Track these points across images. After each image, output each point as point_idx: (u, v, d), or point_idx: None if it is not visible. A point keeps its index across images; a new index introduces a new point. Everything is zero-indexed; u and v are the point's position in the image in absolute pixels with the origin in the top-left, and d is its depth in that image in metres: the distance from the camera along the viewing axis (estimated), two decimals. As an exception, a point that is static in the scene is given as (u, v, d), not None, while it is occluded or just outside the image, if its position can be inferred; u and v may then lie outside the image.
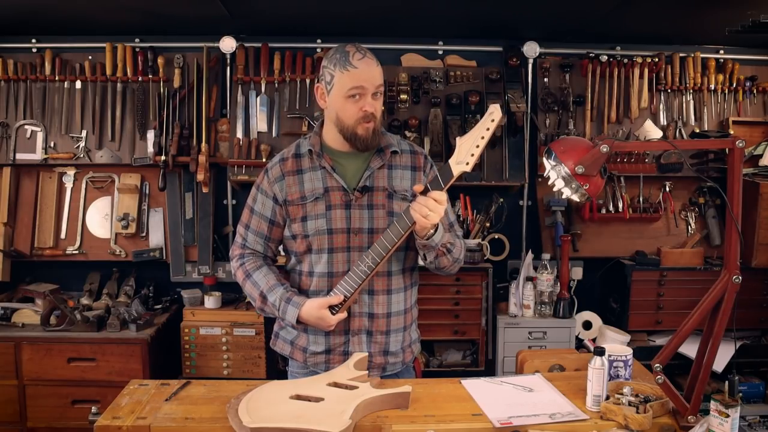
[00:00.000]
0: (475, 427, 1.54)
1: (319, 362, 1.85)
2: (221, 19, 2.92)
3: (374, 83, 1.73)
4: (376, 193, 1.82)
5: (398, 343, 1.89)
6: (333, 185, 1.81)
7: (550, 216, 3.26)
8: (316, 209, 1.80)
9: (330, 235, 1.79)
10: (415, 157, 1.89)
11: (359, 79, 1.71)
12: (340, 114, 1.76)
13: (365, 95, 1.72)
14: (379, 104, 1.78)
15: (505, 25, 3.12)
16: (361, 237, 1.80)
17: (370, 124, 1.75)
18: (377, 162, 1.83)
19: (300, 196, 1.81)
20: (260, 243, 1.90)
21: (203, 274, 3.22)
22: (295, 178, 1.83)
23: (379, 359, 1.85)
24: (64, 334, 2.83)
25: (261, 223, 1.88)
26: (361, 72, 1.71)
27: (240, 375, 2.95)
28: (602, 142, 1.57)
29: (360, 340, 1.83)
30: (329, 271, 1.81)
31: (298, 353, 1.89)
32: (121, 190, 3.24)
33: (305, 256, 1.84)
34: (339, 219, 1.80)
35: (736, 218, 1.52)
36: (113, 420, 1.53)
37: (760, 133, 3.32)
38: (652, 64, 3.22)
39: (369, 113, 1.73)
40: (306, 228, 1.81)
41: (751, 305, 3.13)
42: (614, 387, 1.65)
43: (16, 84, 3.18)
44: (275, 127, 3.18)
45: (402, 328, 1.89)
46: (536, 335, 3.03)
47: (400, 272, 1.87)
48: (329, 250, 1.80)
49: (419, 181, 1.86)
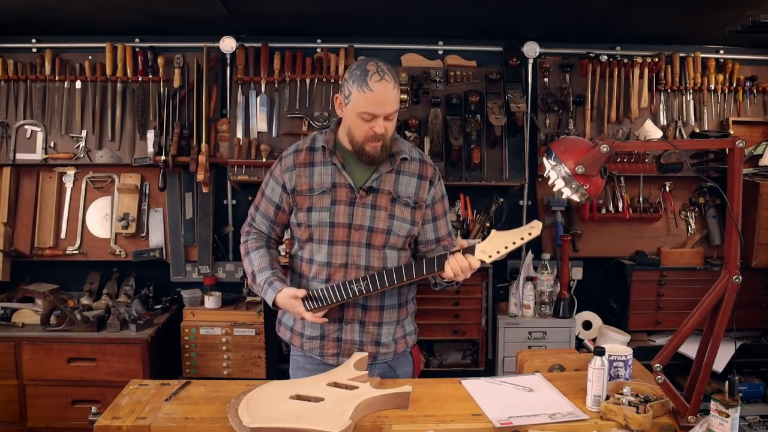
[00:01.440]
0: (475, 427, 1.54)
1: (314, 347, 1.93)
2: (221, 19, 2.92)
3: (387, 109, 1.77)
4: (381, 196, 1.88)
5: (390, 335, 1.95)
6: (341, 182, 1.87)
7: (550, 216, 3.26)
8: (322, 202, 1.87)
9: (331, 228, 1.86)
10: (424, 167, 1.94)
11: (373, 103, 1.74)
12: (352, 129, 1.83)
13: (377, 118, 1.77)
14: (392, 125, 1.83)
15: (505, 25, 3.12)
16: (361, 233, 1.86)
17: (379, 144, 1.81)
18: (386, 166, 1.89)
19: (308, 187, 1.88)
20: (265, 225, 1.98)
21: (203, 274, 3.22)
22: (306, 170, 1.90)
23: (371, 348, 1.92)
24: (64, 334, 2.83)
25: (268, 207, 1.96)
26: (376, 96, 1.74)
27: (240, 375, 2.95)
28: (602, 142, 1.57)
29: (353, 329, 1.91)
30: (328, 261, 1.88)
31: (296, 338, 1.98)
32: (121, 190, 3.24)
33: (307, 244, 1.91)
34: (342, 214, 1.86)
35: (736, 218, 1.52)
36: (113, 420, 1.53)
37: (760, 133, 3.32)
38: (652, 64, 3.22)
39: (379, 134, 1.78)
40: (310, 218, 1.87)
41: (751, 305, 3.13)
42: (614, 387, 1.65)
43: (16, 84, 3.18)
44: (275, 127, 3.18)
45: (395, 321, 1.95)
46: (536, 335, 3.03)
47: None
48: (329, 242, 1.87)
49: (424, 190, 1.91)
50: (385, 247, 1.88)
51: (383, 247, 1.88)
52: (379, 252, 1.88)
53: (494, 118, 3.09)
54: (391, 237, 1.87)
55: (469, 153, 3.13)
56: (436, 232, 1.97)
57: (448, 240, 2.00)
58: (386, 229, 1.86)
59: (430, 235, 1.97)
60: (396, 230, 1.87)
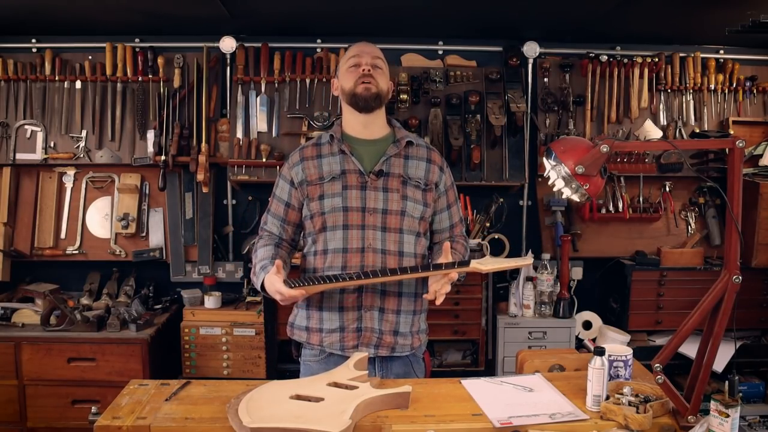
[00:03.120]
0: (475, 427, 1.54)
1: (334, 341, 1.90)
2: (221, 19, 2.92)
3: (371, 53, 1.91)
4: (391, 179, 1.91)
5: (408, 324, 1.94)
6: (350, 168, 1.90)
7: (550, 216, 3.26)
8: (333, 188, 1.89)
9: (345, 212, 1.87)
10: (431, 153, 2.00)
11: (356, 49, 1.92)
12: (344, 84, 1.91)
13: (362, 63, 1.89)
14: (379, 74, 1.90)
15: (505, 25, 3.12)
16: (375, 216, 1.88)
17: (370, 85, 1.87)
18: (393, 150, 1.93)
19: (318, 176, 1.91)
20: (276, 225, 1.99)
21: (203, 274, 3.22)
22: (315, 162, 1.93)
23: (389, 338, 1.90)
24: (64, 334, 2.83)
25: (278, 206, 1.98)
26: (359, 45, 1.94)
27: (240, 375, 2.96)
28: (602, 142, 1.57)
29: (372, 316, 1.89)
30: (344, 247, 1.88)
31: (314, 336, 1.93)
32: (121, 190, 3.24)
33: (320, 235, 1.91)
34: (354, 198, 1.88)
35: (736, 218, 1.52)
36: (113, 420, 1.53)
37: (760, 133, 3.32)
38: (652, 64, 3.22)
39: (366, 71, 1.87)
40: (323, 206, 1.89)
41: (751, 305, 3.13)
42: (614, 387, 1.65)
43: (16, 84, 3.18)
44: (275, 127, 3.18)
45: (412, 312, 1.95)
46: (536, 335, 3.03)
47: (412, 255, 1.92)
48: (344, 227, 1.88)
49: (433, 173, 1.96)
50: (402, 231, 1.89)
51: (399, 231, 1.89)
52: (396, 235, 1.89)
53: (494, 118, 3.09)
54: (405, 218, 1.89)
55: (469, 153, 3.13)
56: (450, 219, 2.02)
57: (460, 226, 2.06)
58: (400, 210, 1.88)
59: (445, 223, 2.01)
60: (410, 211, 1.89)
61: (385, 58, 1.95)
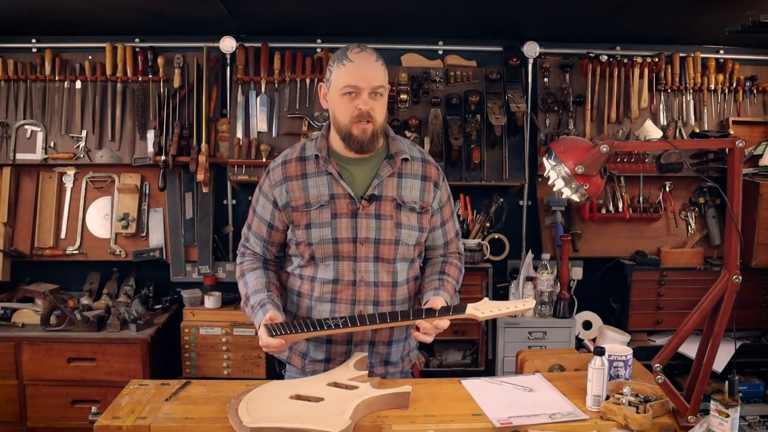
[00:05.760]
0: (475, 427, 1.54)
1: (318, 370, 1.82)
2: (221, 19, 2.92)
3: (370, 82, 1.65)
4: (384, 203, 1.75)
5: (399, 353, 1.88)
6: (339, 192, 1.74)
7: (550, 216, 3.26)
8: (321, 217, 1.73)
9: (335, 244, 1.73)
10: (427, 167, 1.83)
11: (354, 75, 1.65)
12: (336, 112, 1.71)
13: (360, 94, 1.66)
14: (380, 105, 1.69)
15: (505, 25, 3.12)
16: (368, 247, 1.74)
17: (368, 126, 1.68)
18: (387, 170, 1.76)
19: (305, 202, 1.74)
20: (259, 245, 1.86)
21: (203, 274, 3.22)
22: (300, 183, 1.75)
23: (380, 369, 1.85)
24: (64, 334, 2.83)
25: (261, 226, 1.84)
26: (357, 67, 1.65)
27: (240, 375, 2.95)
28: (602, 142, 1.57)
29: (362, 350, 1.80)
30: (334, 278, 1.75)
31: (296, 359, 1.86)
32: (121, 190, 3.24)
33: (309, 264, 1.78)
34: (345, 228, 1.73)
35: (736, 218, 1.52)
36: (113, 420, 1.53)
37: (760, 133, 3.32)
38: (652, 64, 3.22)
39: (364, 112, 1.66)
40: (310, 236, 1.74)
41: (751, 305, 3.13)
42: (614, 387, 1.65)
43: (16, 84, 3.18)
44: (275, 127, 3.18)
45: (404, 338, 1.88)
46: (536, 335, 3.03)
47: (405, 282, 1.83)
48: (335, 258, 1.75)
49: (429, 192, 1.81)
50: (395, 261, 1.77)
51: (393, 261, 1.77)
52: (389, 266, 1.77)
53: (494, 118, 3.09)
54: (399, 247, 1.76)
55: (469, 153, 3.13)
56: (445, 236, 1.90)
57: (456, 242, 1.93)
58: (394, 240, 1.75)
59: (439, 240, 1.90)
60: (404, 239, 1.76)
61: (385, 58, 1.79)
